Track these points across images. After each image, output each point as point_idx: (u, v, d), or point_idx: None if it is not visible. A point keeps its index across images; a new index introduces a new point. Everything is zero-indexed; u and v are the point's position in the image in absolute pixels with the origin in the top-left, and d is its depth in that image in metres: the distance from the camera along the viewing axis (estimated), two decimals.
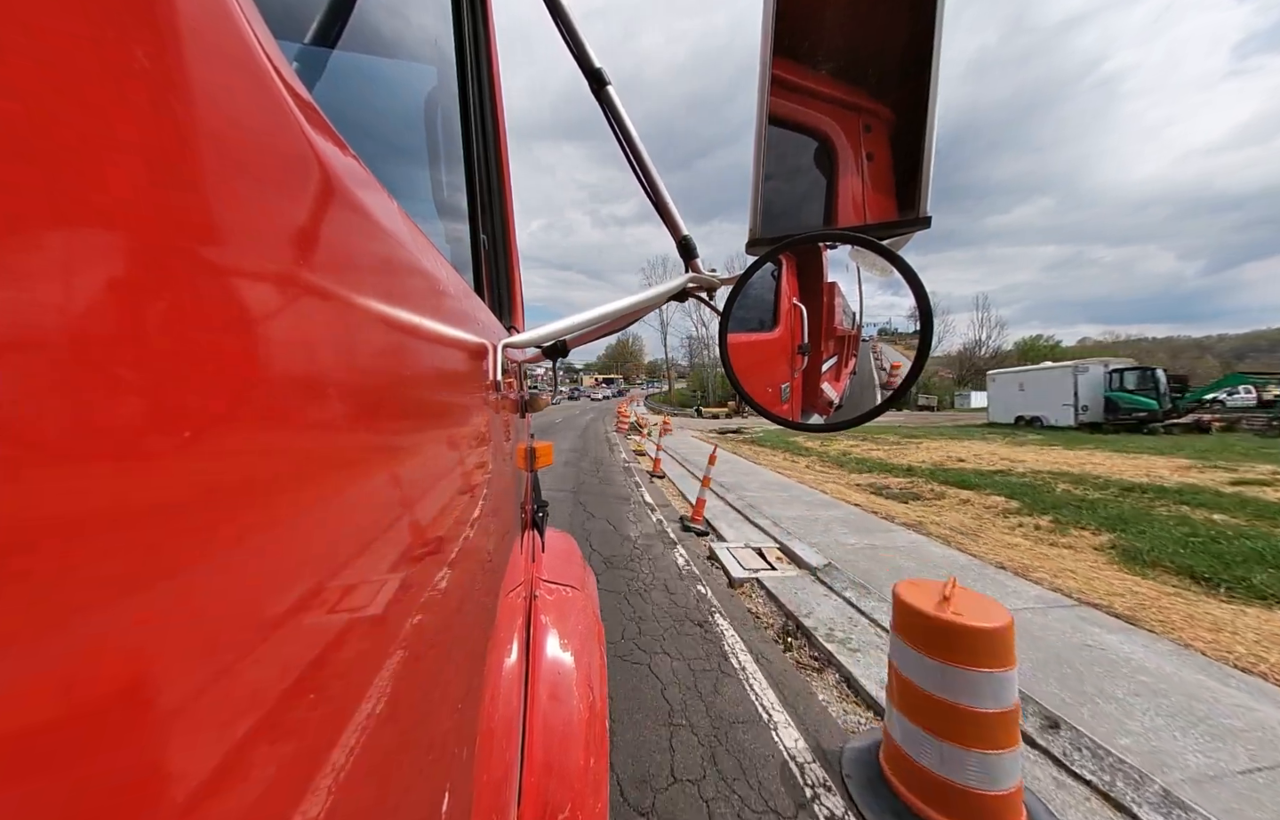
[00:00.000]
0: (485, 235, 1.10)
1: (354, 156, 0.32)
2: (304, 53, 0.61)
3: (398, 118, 0.96)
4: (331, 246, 0.27)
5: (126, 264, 0.15)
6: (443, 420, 0.50)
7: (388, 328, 0.36)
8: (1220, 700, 3.00)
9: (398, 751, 0.34)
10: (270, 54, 0.23)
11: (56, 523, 0.13)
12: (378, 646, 0.32)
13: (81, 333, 0.14)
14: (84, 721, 0.13)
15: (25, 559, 0.12)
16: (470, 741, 0.57)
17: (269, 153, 0.22)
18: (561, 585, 1.34)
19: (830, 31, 0.75)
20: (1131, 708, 2.92)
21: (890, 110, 0.74)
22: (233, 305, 0.19)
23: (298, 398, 0.24)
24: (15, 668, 0.12)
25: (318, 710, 0.24)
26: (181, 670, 0.17)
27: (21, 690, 0.12)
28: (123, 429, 0.15)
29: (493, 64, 1.14)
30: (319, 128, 0.27)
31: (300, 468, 0.24)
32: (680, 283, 0.89)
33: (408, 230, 0.43)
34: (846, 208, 0.79)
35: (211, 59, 0.19)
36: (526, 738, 0.88)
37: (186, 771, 0.17)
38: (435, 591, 0.44)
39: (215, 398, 0.18)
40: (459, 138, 1.06)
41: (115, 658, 0.14)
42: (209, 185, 0.18)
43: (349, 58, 0.70)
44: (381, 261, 0.35)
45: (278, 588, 0.22)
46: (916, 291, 0.71)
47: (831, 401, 0.92)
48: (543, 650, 1.06)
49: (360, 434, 0.30)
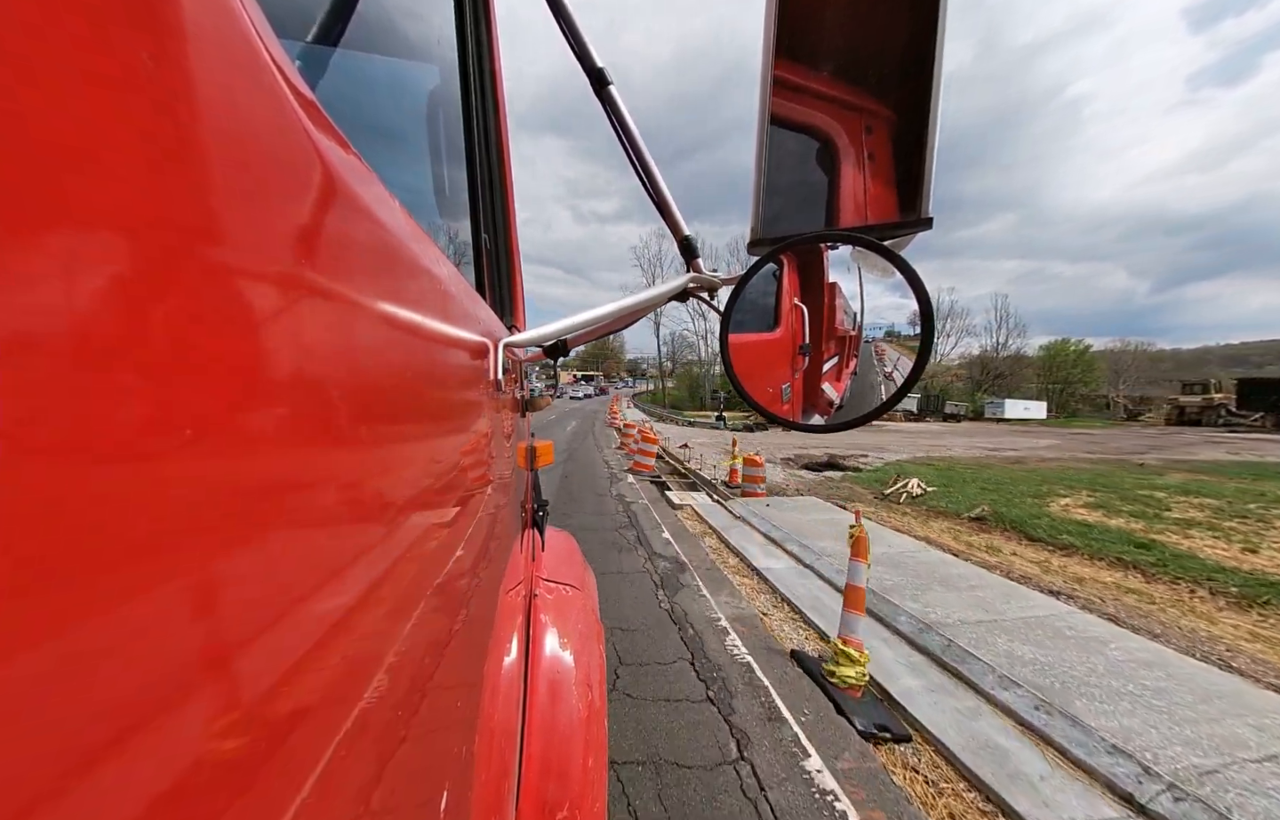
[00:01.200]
0: (487, 234, 1.10)
1: (356, 155, 0.32)
2: (307, 51, 0.61)
3: (400, 116, 0.96)
4: (333, 245, 0.27)
5: (126, 263, 0.15)
6: (443, 418, 0.50)
7: (389, 326, 0.36)
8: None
9: (397, 749, 0.34)
10: (273, 52, 0.23)
11: (58, 522, 0.13)
12: (377, 644, 0.32)
13: (82, 333, 0.14)
14: (83, 721, 0.14)
15: (27, 558, 0.12)
16: (469, 739, 0.57)
17: (271, 151, 0.22)
18: (561, 584, 1.34)
19: (831, 32, 0.75)
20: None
21: (892, 111, 0.74)
22: (233, 303, 0.20)
23: (298, 395, 0.24)
24: (14, 666, 0.12)
25: (317, 707, 0.25)
26: (180, 668, 0.17)
27: (21, 689, 0.12)
28: (124, 428, 0.15)
29: (495, 62, 1.14)
30: (321, 126, 0.27)
31: (300, 465, 0.24)
32: (681, 282, 0.89)
33: (409, 229, 0.43)
34: (848, 208, 0.79)
35: (214, 57, 0.19)
36: (525, 736, 0.88)
37: (186, 769, 0.17)
38: (435, 589, 0.44)
39: (214, 396, 0.18)
40: (461, 136, 1.06)
41: (115, 656, 0.14)
42: (211, 183, 0.18)
43: (352, 56, 0.70)
44: (383, 260, 0.35)
45: (278, 585, 0.22)
46: (918, 292, 0.71)
47: (832, 402, 0.92)
48: (542, 649, 1.06)
49: (361, 431, 0.30)
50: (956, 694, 3.33)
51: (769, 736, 2.93)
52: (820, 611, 4.42)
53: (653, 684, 3.40)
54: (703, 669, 3.58)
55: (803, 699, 3.28)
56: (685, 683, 3.42)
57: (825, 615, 4.29)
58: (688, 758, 2.74)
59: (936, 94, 0.67)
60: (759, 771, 2.65)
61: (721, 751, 2.80)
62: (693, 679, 3.46)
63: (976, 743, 2.88)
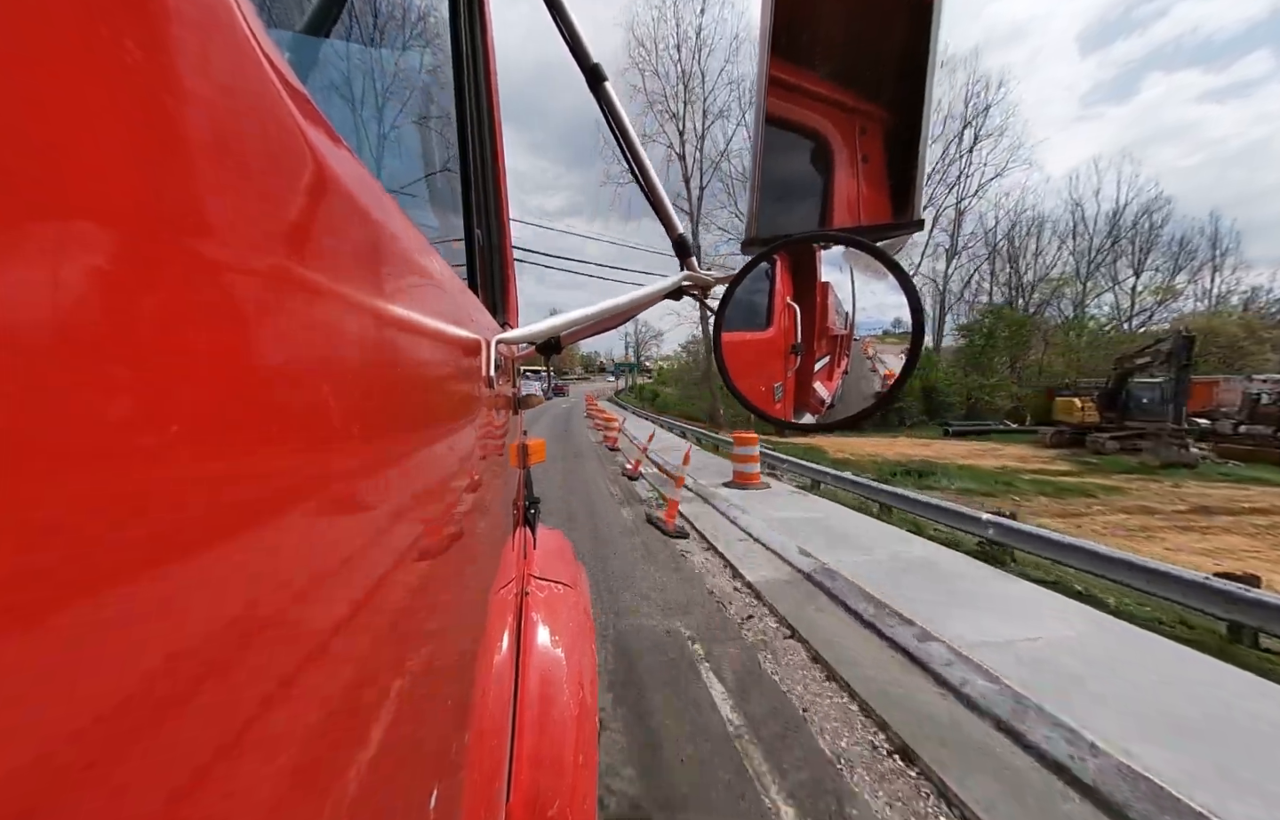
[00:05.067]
0: (480, 229, 1.10)
1: (348, 149, 0.32)
2: (298, 43, 0.60)
3: (393, 110, 0.95)
4: (324, 239, 0.27)
5: (114, 259, 0.15)
6: (435, 414, 0.50)
7: (380, 321, 0.35)
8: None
9: (387, 748, 0.34)
10: (263, 45, 0.23)
11: (49, 521, 0.13)
12: (367, 643, 0.32)
13: (70, 329, 0.13)
14: (82, 721, 0.13)
15: (22, 558, 0.12)
16: (460, 737, 0.57)
17: (261, 144, 0.22)
18: (553, 582, 1.34)
19: (828, 33, 0.76)
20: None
21: (886, 113, 0.75)
22: (221, 298, 0.19)
23: (287, 392, 0.24)
24: (14, 666, 0.12)
25: (307, 707, 0.24)
26: (169, 669, 0.16)
27: (21, 689, 0.12)
28: (111, 426, 0.15)
29: (489, 57, 1.13)
30: (313, 120, 0.27)
31: (290, 463, 0.24)
32: (675, 281, 0.89)
33: (401, 223, 0.43)
34: (841, 209, 0.79)
35: (203, 49, 0.19)
36: (517, 734, 0.88)
37: (175, 770, 0.17)
38: (426, 587, 0.44)
39: (200, 392, 0.18)
40: (454, 130, 1.05)
41: (106, 657, 0.14)
42: (198, 177, 0.18)
43: (343, 48, 0.69)
44: (375, 254, 0.35)
45: (267, 584, 0.22)
46: (909, 294, 0.71)
47: (824, 401, 0.93)
48: (533, 647, 1.06)
49: (351, 427, 0.30)
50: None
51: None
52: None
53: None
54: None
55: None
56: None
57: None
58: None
59: (930, 98, 0.67)
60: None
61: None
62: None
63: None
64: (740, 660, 3.73)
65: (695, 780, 2.62)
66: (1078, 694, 3.13)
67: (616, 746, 2.84)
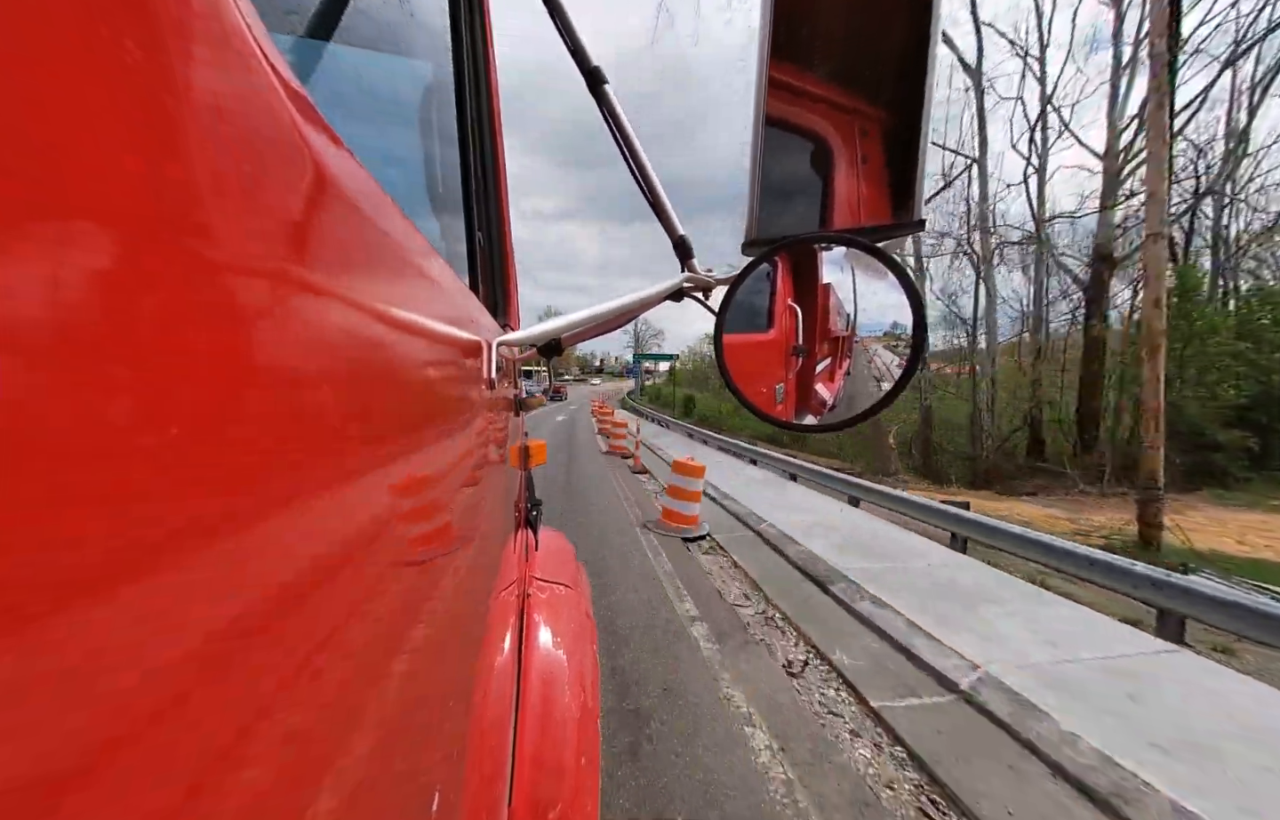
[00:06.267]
0: (481, 232, 1.10)
1: (348, 151, 0.32)
2: (299, 46, 0.60)
3: (394, 112, 0.95)
4: (325, 241, 0.27)
5: (114, 259, 0.15)
6: (437, 416, 0.50)
7: (381, 323, 0.35)
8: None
9: (389, 749, 0.34)
10: (264, 47, 0.23)
11: (49, 521, 0.13)
12: (369, 644, 0.32)
13: (70, 329, 0.13)
14: (81, 720, 0.13)
15: (22, 558, 0.12)
16: (462, 739, 0.57)
17: (262, 147, 0.22)
18: (554, 584, 1.34)
19: (827, 34, 0.76)
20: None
21: (885, 113, 0.75)
22: (222, 299, 0.19)
23: (288, 393, 0.24)
24: (14, 666, 0.12)
25: (309, 708, 0.24)
26: (169, 669, 0.16)
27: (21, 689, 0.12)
28: (111, 426, 0.15)
29: (490, 59, 1.14)
30: (314, 122, 0.27)
31: (290, 464, 0.24)
32: (676, 282, 0.89)
33: (403, 226, 0.43)
34: (842, 210, 0.79)
35: (204, 52, 0.19)
36: (518, 735, 0.88)
37: (176, 769, 0.17)
38: (427, 589, 0.44)
39: (202, 393, 0.18)
40: (455, 132, 1.05)
41: (107, 657, 0.14)
42: (199, 178, 0.18)
43: (344, 51, 0.69)
44: (376, 257, 0.35)
45: (268, 585, 0.22)
46: (910, 295, 0.71)
47: (825, 402, 0.93)
48: (535, 648, 1.06)
49: (353, 429, 0.30)
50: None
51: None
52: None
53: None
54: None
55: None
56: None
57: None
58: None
59: (930, 98, 0.67)
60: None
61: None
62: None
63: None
64: None
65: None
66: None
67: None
